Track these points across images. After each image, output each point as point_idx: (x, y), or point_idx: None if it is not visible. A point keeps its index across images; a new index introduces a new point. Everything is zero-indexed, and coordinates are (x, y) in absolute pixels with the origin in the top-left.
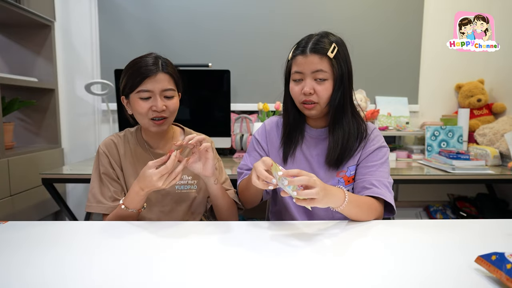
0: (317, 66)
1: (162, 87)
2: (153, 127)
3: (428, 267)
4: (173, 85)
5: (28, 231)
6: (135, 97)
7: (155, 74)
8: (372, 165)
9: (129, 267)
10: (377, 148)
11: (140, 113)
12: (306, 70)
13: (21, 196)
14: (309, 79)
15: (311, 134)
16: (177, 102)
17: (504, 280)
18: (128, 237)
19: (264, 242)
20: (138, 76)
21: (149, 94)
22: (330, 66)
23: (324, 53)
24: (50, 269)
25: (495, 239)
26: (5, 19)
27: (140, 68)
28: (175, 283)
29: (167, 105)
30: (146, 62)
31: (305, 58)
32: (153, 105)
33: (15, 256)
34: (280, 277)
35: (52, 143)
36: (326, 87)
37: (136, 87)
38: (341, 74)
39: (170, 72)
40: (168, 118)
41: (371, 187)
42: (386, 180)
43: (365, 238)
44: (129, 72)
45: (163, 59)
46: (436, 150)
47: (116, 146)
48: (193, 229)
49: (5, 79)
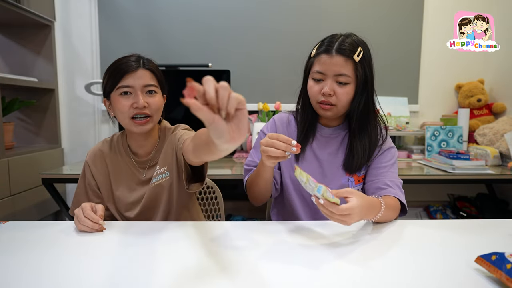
0: (340, 69)
1: (143, 83)
2: (135, 127)
3: (428, 266)
4: (155, 82)
5: (28, 231)
6: (116, 95)
7: (135, 69)
8: (384, 166)
9: (129, 267)
10: (387, 149)
11: (120, 110)
12: (329, 72)
13: (21, 196)
14: (331, 80)
15: (322, 133)
16: (161, 101)
17: (504, 280)
18: (128, 236)
19: (266, 241)
20: (118, 73)
21: (130, 90)
22: (353, 69)
23: (349, 55)
24: (49, 269)
25: (495, 239)
26: (5, 19)
27: (120, 65)
28: (175, 283)
29: (149, 102)
30: (127, 60)
31: (330, 58)
32: (134, 101)
33: (15, 256)
34: (282, 277)
35: (52, 143)
36: (347, 90)
37: (116, 83)
38: (364, 79)
39: (152, 69)
40: (152, 117)
41: (385, 187)
42: (398, 181)
43: (363, 237)
44: (109, 71)
45: (145, 58)
46: (436, 150)
47: (103, 155)
48: (193, 229)
49: (5, 79)
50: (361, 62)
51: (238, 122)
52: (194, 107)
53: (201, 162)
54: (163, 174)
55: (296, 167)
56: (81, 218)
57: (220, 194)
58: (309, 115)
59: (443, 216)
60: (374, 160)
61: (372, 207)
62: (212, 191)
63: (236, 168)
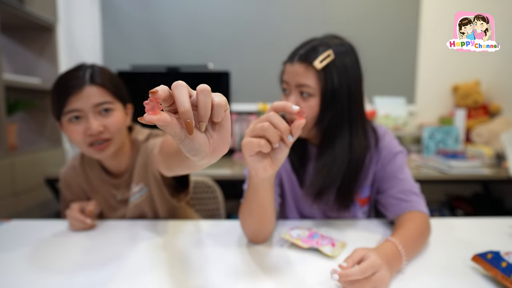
0: (301, 79)
1: (93, 102)
2: (96, 154)
3: (425, 265)
4: (109, 97)
5: (32, 229)
6: (65, 120)
7: (80, 88)
8: (391, 177)
9: (129, 266)
10: (392, 156)
11: (74, 140)
12: (291, 81)
13: (25, 196)
14: (295, 92)
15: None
16: (121, 117)
17: (499, 278)
18: (129, 236)
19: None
20: (61, 94)
21: (79, 114)
22: (316, 79)
23: (311, 62)
24: (52, 266)
25: (491, 238)
26: (9, 22)
27: (63, 84)
28: (175, 283)
29: (105, 124)
30: (71, 76)
31: (292, 67)
32: (87, 127)
33: (19, 253)
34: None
35: (54, 143)
36: (311, 104)
37: (62, 108)
38: (331, 90)
39: (102, 83)
40: (112, 140)
41: (397, 203)
42: (411, 186)
43: (361, 236)
44: (53, 90)
45: (93, 69)
46: (433, 150)
47: (76, 174)
48: (192, 227)
49: (9, 80)
50: (327, 70)
51: (222, 129)
52: (162, 123)
53: (180, 174)
54: (141, 191)
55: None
56: (70, 219)
57: (220, 193)
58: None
59: (439, 215)
60: (380, 171)
61: (392, 254)
62: (212, 190)
63: (236, 168)
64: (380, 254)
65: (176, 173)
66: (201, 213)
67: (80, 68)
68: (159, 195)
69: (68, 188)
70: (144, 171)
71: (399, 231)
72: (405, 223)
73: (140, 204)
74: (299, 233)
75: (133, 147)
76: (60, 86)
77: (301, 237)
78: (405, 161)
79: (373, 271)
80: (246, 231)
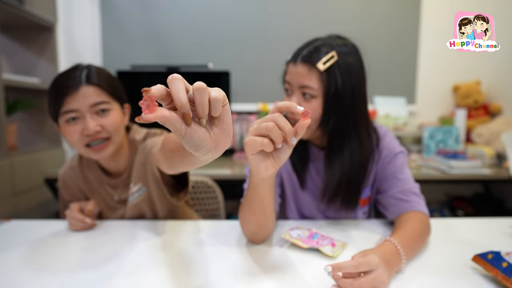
0: (303, 80)
1: (89, 102)
2: (94, 155)
3: (425, 265)
4: (106, 97)
5: (31, 229)
6: (62, 121)
7: (76, 88)
8: (391, 177)
9: (128, 266)
10: (393, 157)
11: (71, 140)
12: (294, 82)
13: (24, 196)
14: (297, 93)
15: (318, 156)
16: (118, 117)
17: (500, 278)
18: (128, 236)
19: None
20: (58, 95)
21: (76, 114)
22: (319, 81)
23: (314, 63)
24: (52, 266)
25: (491, 238)
26: (8, 21)
27: (59, 85)
28: (174, 283)
29: (102, 124)
30: (68, 76)
31: (294, 67)
32: (84, 127)
33: (18, 253)
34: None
35: (54, 143)
36: (313, 106)
37: (59, 108)
38: (335, 91)
39: (98, 83)
40: (111, 139)
41: (397, 203)
42: (411, 186)
43: (361, 236)
44: (50, 91)
45: (89, 69)
46: (434, 150)
47: (74, 175)
48: (192, 227)
49: (8, 80)
50: (330, 72)
51: (222, 123)
52: (161, 119)
53: (182, 172)
54: (139, 191)
55: (285, 234)
56: (70, 219)
57: (220, 193)
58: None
59: (440, 215)
60: (380, 172)
61: (391, 254)
62: (212, 190)
63: (236, 168)
64: (378, 254)
65: (178, 170)
66: (201, 213)
67: (76, 69)
68: (158, 195)
69: (67, 189)
70: (142, 170)
71: (398, 231)
72: (405, 223)
73: (139, 204)
74: (299, 233)
75: (131, 146)
76: (56, 86)
77: (301, 237)
78: (406, 161)
79: (368, 267)
80: (245, 231)
